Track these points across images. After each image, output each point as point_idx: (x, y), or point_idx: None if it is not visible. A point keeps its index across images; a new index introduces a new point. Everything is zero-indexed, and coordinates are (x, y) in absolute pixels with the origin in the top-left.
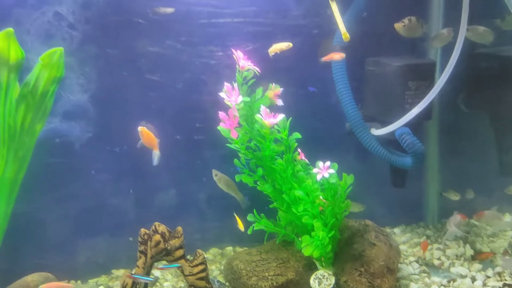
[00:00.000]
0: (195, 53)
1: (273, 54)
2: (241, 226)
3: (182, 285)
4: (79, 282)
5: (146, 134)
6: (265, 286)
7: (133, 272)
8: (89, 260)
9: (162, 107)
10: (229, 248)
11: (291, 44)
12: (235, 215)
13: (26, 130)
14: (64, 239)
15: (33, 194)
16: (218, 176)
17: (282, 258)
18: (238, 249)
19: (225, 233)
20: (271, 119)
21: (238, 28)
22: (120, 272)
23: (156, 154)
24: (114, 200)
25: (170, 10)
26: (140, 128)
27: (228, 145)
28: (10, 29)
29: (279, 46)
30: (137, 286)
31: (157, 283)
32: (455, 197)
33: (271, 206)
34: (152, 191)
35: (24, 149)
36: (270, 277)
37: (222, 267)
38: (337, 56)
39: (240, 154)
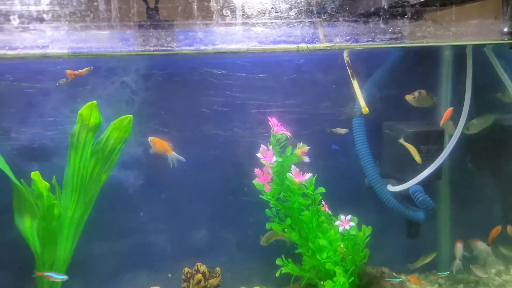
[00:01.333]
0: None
1: None
2: None
3: None
4: None
5: (157, 142)
6: None
7: None
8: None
9: (205, 161)
10: None
11: None
12: None
13: (94, 179)
14: (112, 273)
15: (90, 232)
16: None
17: None
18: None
19: (254, 274)
20: (300, 177)
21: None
22: None
23: (171, 156)
24: (156, 240)
25: None
26: (150, 138)
27: (261, 196)
28: (94, 102)
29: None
30: None
31: None
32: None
33: (297, 251)
34: (189, 233)
35: (90, 195)
36: None
37: None
38: (342, 131)
39: (271, 205)
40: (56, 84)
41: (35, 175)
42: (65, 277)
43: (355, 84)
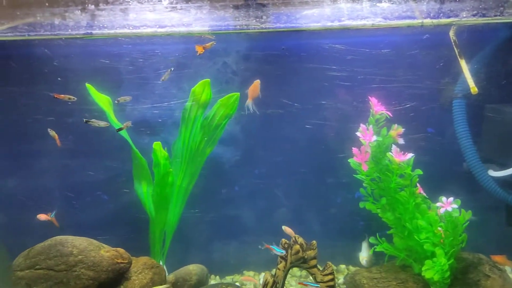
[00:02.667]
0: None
1: None
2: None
3: None
4: (217, 277)
5: (255, 86)
6: None
7: (273, 274)
8: (224, 260)
9: (297, 140)
10: (343, 266)
11: None
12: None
13: (199, 152)
14: (207, 240)
15: (191, 202)
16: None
17: (401, 278)
18: (351, 267)
19: (339, 253)
20: (400, 157)
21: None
22: (250, 273)
23: (248, 103)
24: (248, 213)
25: None
26: (256, 81)
27: (355, 175)
28: (207, 80)
29: None
30: (277, 286)
31: None
32: None
33: (389, 232)
34: (280, 209)
35: (196, 166)
36: None
37: (339, 281)
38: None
39: (364, 184)
40: (161, 78)
41: (156, 144)
42: (282, 252)
43: (463, 63)
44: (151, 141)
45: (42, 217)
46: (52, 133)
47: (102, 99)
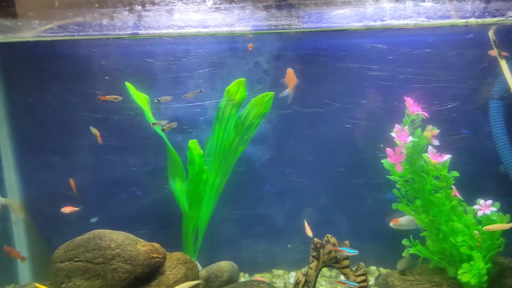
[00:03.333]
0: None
1: None
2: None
3: None
4: (246, 274)
5: (291, 74)
6: None
7: (305, 273)
8: (253, 257)
9: (329, 140)
10: (373, 267)
11: None
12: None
13: (232, 150)
14: (237, 238)
15: (222, 200)
16: None
17: (434, 281)
18: (382, 269)
19: (369, 254)
20: (437, 158)
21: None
22: (279, 271)
23: (289, 92)
24: (278, 211)
25: None
26: (288, 70)
27: (388, 176)
28: (242, 79)
29: None
30: (309, 285)
31: None
32: None
33: (422, 234)
34: (310, 208)
35: (228, 164)
36: None
37: (370, 282)
38: None
39: (398, 186)
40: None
41: (192, 143)
42: (355, 252)
43: (503, 64)
44: (184, 139)
45: (66, 210)
46: (94, 130)
47: (140, 98)
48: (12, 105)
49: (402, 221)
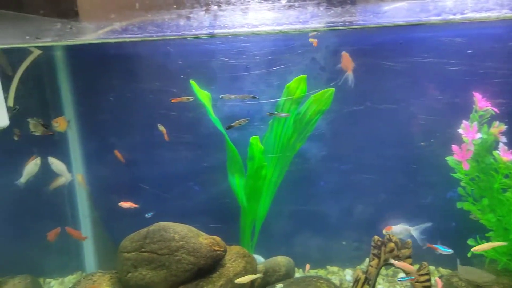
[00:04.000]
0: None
1: None
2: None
3: None
4: (300, 270)
5: (346, 57)
6: None
7: (364, 270)
8: (307, 254)
9: (385, 138)
10: (432, 267)
11: None
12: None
13: (289, 147)
14: (292, 234)
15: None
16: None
17: (503, 283)
18: (441, 269)
19: (428, 253)
20: (509, 156)
21: None
22: (334, 268)
23: (348, 75)
24: (333, 208)
25: None
26: (343, 54)
27: (452, 174)
28: (304, 76)
29: None
30: (369, 283)
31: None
32: None
33: (487, 234)
34: (366, 206)
35: (285, 161)
36: None
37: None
38: None
39: (462, 184)
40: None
41: (254, 139)
42: (450, 251)
43: None
44: (240, 136)
45: (125, 204)
46: (161, 128)
47: (203, 95)
48: (81, 102)
49: (395, 230)
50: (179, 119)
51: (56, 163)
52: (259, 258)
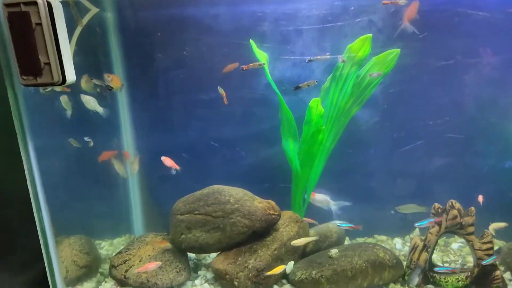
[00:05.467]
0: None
1: None
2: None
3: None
4: (347, 238)
5: (413, 7)
6: None
7: (424, 238)
8: (355, 222)
9: (445, 102)
10: None
11: None
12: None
13: (345, 112)
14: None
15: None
16: None
17: None
18: (496, 241)
19: (482, 225)
20: None
21: None
22: (382, 237)
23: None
24: (382, 177)
25: None
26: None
27: None
28: (369, 35)
29: None
30: (428, 250)
31: None
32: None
33: None
34: (417, 175)
35: (339, 126)
36: None
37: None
38: None
39: None
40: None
41: (314, 101)
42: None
43: None
44: (290, 100)
45: (167, 161)
46: (221, 91)
47: (261, 55)
48: (131, 68)
49: (318, 197)
50: (231, 83)
51: (86, 99)
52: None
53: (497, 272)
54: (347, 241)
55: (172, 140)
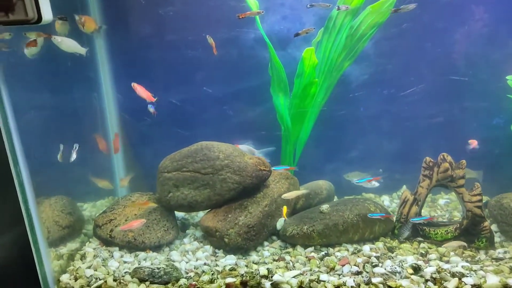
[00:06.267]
0: None
1: None
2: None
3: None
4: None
5: None
6: None
7: (414, 191)
8: (343, 180)
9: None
10: None
11: None
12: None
13: (336, 66)
14: (329, 159)
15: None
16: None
17: None
18: (485, 197)
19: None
20: None
21: None
22: (370, 195)
23: None
24: (371, 136)
25: None
26: None
27: (509, 95)
28: None
29: None
30: (418, 203)
31: None
32: None
33: None
34: (407, 132)
35: (331, 81)
36: None
37: None
38: None
39: None
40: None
41: (307, 51)
42: None
43: None
44: (279, 56)
45: (140, 90)
46: (210, 40)
47: (251, 2)
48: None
49: (242, 148)
50: (219, 36)
51: (65, 41)
52: None
53: (485, 223)
54: (335, 199)
55: (158, 96)
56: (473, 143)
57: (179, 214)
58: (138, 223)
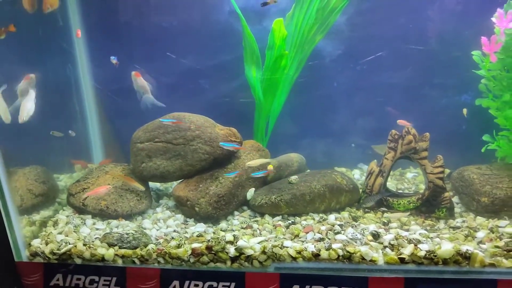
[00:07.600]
0: None
1: None
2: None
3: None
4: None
5: None
6: (499, 194)
7: (380, 163)
8: (315, 155)
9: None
10: None
11: None
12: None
13: (309, 39)
14: (302, 133)
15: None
16: None
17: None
18: (446, 170)
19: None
20: None
21: None
22: (342, 169)
23: None
24: (343, 110)
25: None
26: None
27: (474, 71)
28: None
29: None
30: (383, 175)
31: None
32: None
33: (501, 133)
34: (379, 108)
35: (303, 54)
36: (504, 188)
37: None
38: None
39: (483, 81)
40: None
41: (277, 23)
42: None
43: None
44: (253, 29)
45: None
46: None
47: None
48: None
49: (139, 82)
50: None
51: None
52: None
53: (446, 194)
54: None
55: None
56: (402, 122)
57: (154, 185)
58: (103, 189)
